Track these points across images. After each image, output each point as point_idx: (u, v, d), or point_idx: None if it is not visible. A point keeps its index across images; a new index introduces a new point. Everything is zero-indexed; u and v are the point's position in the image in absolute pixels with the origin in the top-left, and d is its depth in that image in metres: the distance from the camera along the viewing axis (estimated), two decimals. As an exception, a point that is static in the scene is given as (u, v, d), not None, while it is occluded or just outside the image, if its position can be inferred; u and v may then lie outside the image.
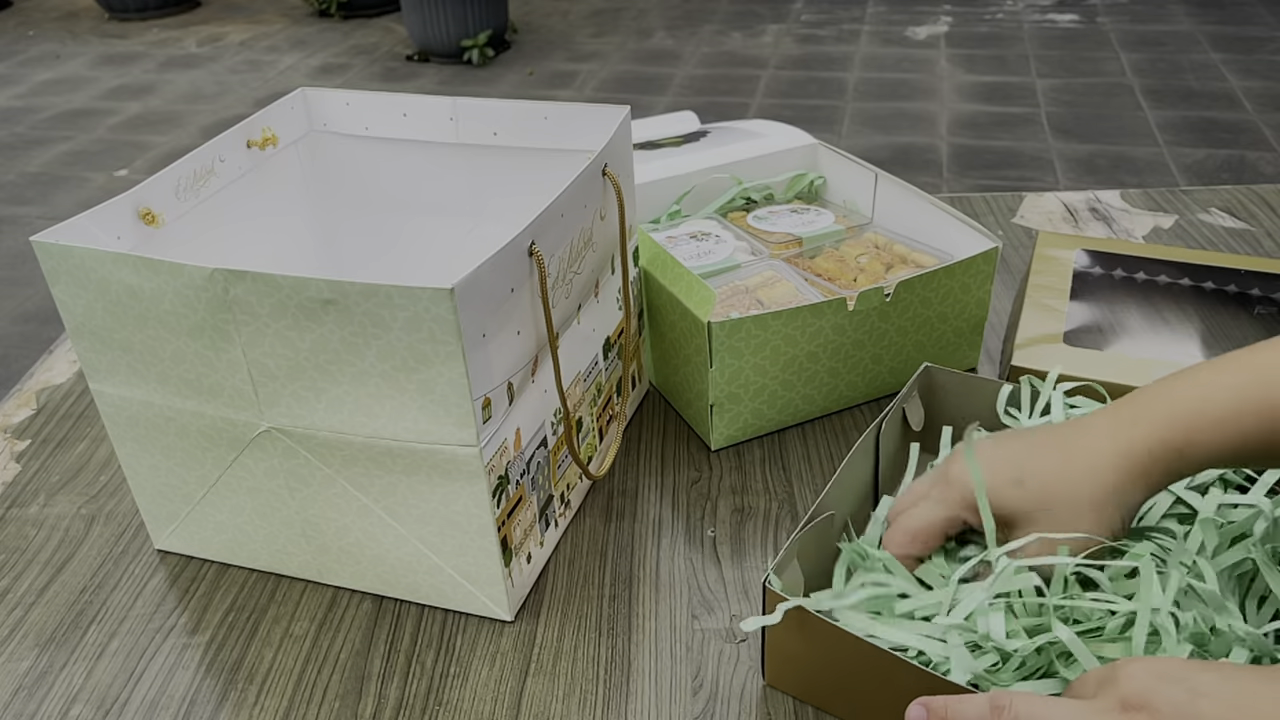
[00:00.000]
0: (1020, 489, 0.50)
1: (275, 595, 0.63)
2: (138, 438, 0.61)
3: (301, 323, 0.51)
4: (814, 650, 0.51)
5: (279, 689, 0.57)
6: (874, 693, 0.49)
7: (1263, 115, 3.05)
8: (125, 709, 0.56)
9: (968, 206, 1.06)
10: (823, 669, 0.52)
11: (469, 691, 0.56)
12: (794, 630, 0.51)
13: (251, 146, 0.72)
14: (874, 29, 4.05)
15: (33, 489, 0.73)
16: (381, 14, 4.56)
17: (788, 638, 0.52)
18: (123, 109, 3.64)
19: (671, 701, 0.55)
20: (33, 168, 3.20)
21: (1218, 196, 1.06)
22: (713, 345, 0.67)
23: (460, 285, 0.48)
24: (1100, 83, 3.37)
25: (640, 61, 3.82)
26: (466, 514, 0.56)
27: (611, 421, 0.72)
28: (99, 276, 0.54)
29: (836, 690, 0.52)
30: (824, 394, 0.74)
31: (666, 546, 0.65)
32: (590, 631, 0.60)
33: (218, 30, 4.49)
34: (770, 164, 0.93)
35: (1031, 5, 4.21)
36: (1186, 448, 0.47)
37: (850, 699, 0.52)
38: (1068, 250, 0.82)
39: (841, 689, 0.52)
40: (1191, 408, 0.48)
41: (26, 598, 0.64)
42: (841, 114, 3.25)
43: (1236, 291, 0.81)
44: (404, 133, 0.76)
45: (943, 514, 0.53)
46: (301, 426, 0.56)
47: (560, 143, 0.72)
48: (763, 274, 0.79)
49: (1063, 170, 2.80)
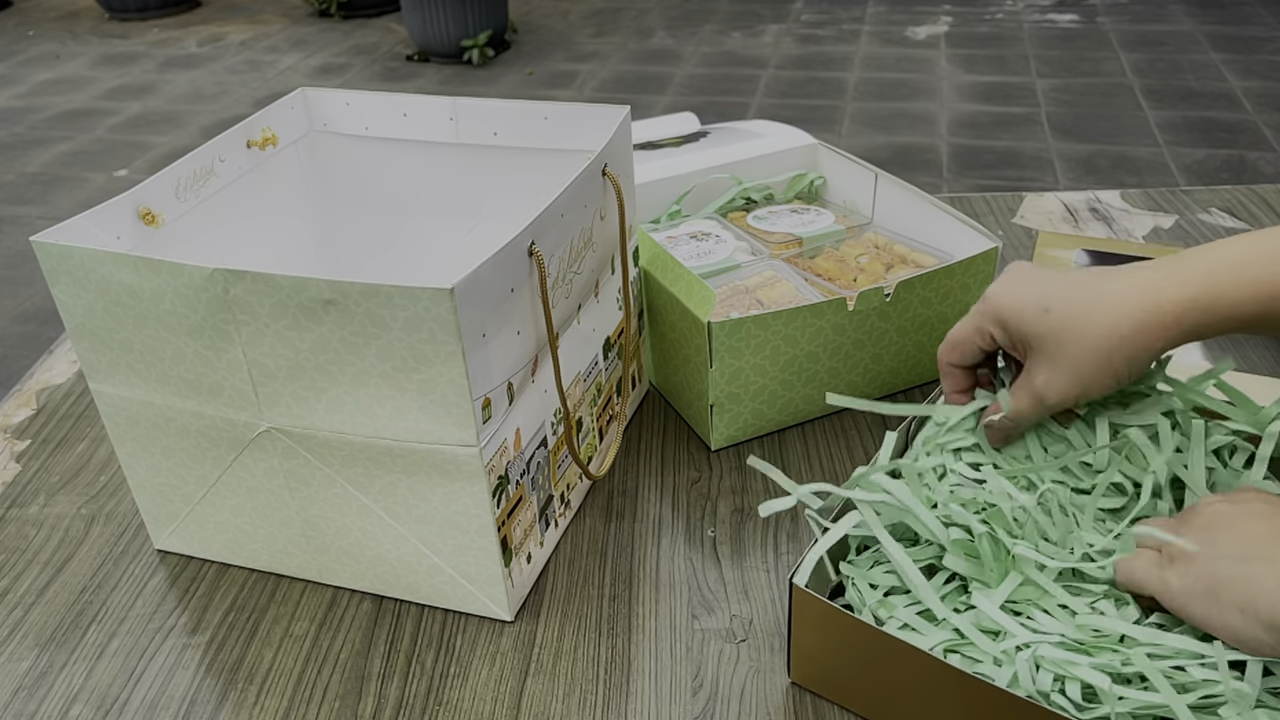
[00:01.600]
0: (1046, 316, 0.51)
1: (275, 595, 0.63)
2: (138, 438, 0.61)
3: (301, 323, 0.51)
4: (842, 647, 0.51)
5: (279, 689, 0.57)
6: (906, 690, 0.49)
7: (1263, 115, 3.05)
8: (125, 709, 0.56)
9: (968, 206, 1.06)
10: (850, 666, 0.51)
11: (469, 691, 0.56)
12: (821, 628, 0.51)
13: (251, 146, 0.72)
14: (874, 29, 4.05)
15: (33, 489, 0.73)
16: (381, 14, 4.56)
17: (815, 635, 0.52)
18: (123, 109, 3.64)
19: (671, 701, 0.55)
20: (33, 168, 3.20)
21: (1218, 196, 1.06)
22: (713, 345, 0.67)
23: (460, 285, 0.48)
24: (1100, 83, 3.37)
25: (640, 61, 3.82)
26: (466, 514, 0.56)
27: (611, 421, 0.72)
28: (99, 277, 0.54)
29: (863, 687, 0.52)
30: (824, 394, 0.74)
31: (666, 546, 0.65)
32: (590, 631, 0.60)
33: (218, 30, 4.49)
34: (770, 164, 0.93)
35: (1031, 5, 4.21)
36: (1215, 304, 0.48)
37: (880, 698, 0.51)
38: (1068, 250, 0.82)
39: (869, 686, 0.51)
40: (1226, 269, 0.49)
41: (26, 598, 0.64)
42: (841, 114, 3.25)
43: (1236, 291, 0.81)
44: (404, 133, 0.76)
45: (973, 324, 0.55)
46: (301, 426, 0.56)
47: (560, 143, 0.72)
48: (763, 274, 0.79)
49: (1063, 170, 2.80)
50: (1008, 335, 0.53)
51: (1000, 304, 0.53)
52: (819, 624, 0.51)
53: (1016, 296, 0.53)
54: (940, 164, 2.87)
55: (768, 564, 0.64)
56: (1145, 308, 0.49)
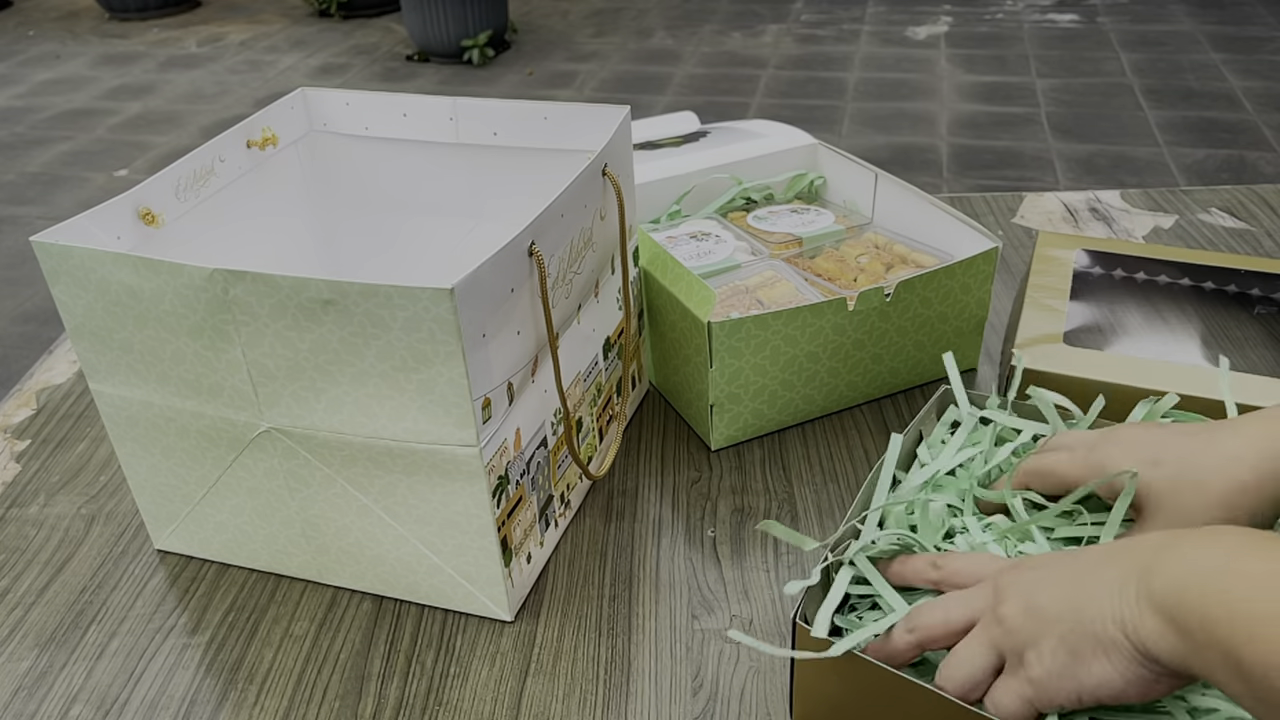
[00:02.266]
0: (1157, 469, 0.49)
1: (275, 595, 0.63)
2: (138, 438, 0.61)
3: (301, 323, 0.51)
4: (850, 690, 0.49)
5: (279, 689, 0.57)
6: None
7: (1263, 115, 3.05)
8: (125, 709, 0.56)
9: (968, 206, 1.06)
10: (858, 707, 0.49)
11: (469, 691, 0.56)
12: (828, 669, 0.48)
13: (251, 146, 0.72)
14: (874, 29, 4.05)
15: (33, 489, 0.73)
16: (381, 14, 4.56)
17: (820, 676, 0.50)
18: (123, 109, 3.64)
19: (671, 701, 0.55)
20: (33, 168, 3.20)
21: (1218, 196, 1.06)
22: (713, 345, 0.67)
23: (460, 285, 0.48)
24: (1100, 83, 3.37)
25: (640, 61, 3.82)
26: (466, 514, 0.56)
27: (611, 421, 0.72)
28: (99, 277, 0.54)
29: None
30: (824, 394, 0.74)
31: (666, 546, 0.65)
32: (590, 631, 0.60)
33: (218, 30, 4.49)
34: (770, 164, 0.93)
35: (1031, 5, 4.21)
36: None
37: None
38: (1068, 250, 0.82)
39: None
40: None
41: (26, 598, 0.64)
42: (841, 114, 3.25)
43: (1236, 291, 0.81)
44: (404, 133, 0.76)
45: (1073, 468, 0.53)
46: (301, 426, 0.56)
47: (560, 143, 0.72)
48: (763, 274, 0.79)
49: (1063, 170, 2.80)
50: (1110, 493, 0.52)
51: (1108, 455, 0.52)
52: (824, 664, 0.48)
53: (1127, 451, 0.51)
54: (940, 164, 2.87)
55: (768, 564, 0.64)
56: (1265, 455, 0.47)
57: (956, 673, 0.44)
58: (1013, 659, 0.43)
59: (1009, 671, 0.43)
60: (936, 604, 0.47)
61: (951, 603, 0.46)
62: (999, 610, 0.44)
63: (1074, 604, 0.41)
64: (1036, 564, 0.46)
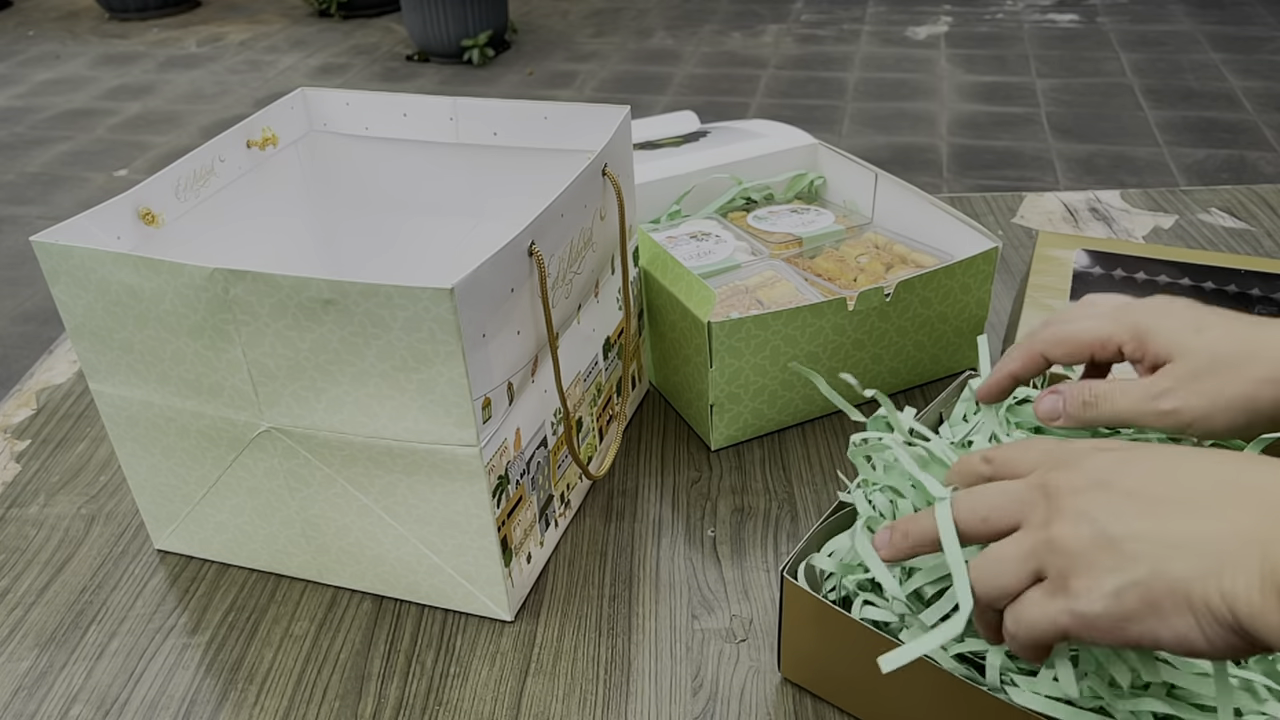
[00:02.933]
0: (1199, 335, 0.46)
1: (275, 595, 0.63)
2: (138, 438, 0.61)
3: (301, 323, 0.51)
4: (832, 645, 0.51)
5: (279, 689, 0.57)
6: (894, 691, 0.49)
7: (1263, 115, 3.05)
8: (125, 709, 0.56)
9: (968, 206, 1.06)
10: (839, 663, 0.52)
11: (469, 691, 0.56)
12: (812, 624, 0.51)
13: (251, 146, 0.72)
14: (874, 29, 4.05)
15: (33, 489, 0.73)
16: (381, 14, 4.56)
17: (805, 631, 0.52)
18: (123, 109, 3.64)
19: (671, 701, 0.55)
20: (33, 168, 3.20)
21: (1218, 196, 1.06)
22: (713, 345, 0.67)
23: (460, 285, 0.48)
24: (1100, 83, 3.37)
25: (640, 61, 3.82)
26: (466, 514, 0.56)
27: (611, 421, 0.72)
28: (99, 276, 0.54)
29: (853, 686, 0.52)
30: (823, 394, 0.74)
31: (666, 546, 0.65)
32: (590, 631, 0.60)
33: (218, 30, 4.49)
34: (770, 164, 0.93)
35: (1031, 5, 4.21)
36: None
37: (867, 695, 0.52)
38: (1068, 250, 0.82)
39: (858, 684, 0.52)
40: None
41: (26, 598, 0.64)
42: (841, 114, 3.25)
43: (1236, 291, 0.81)
44: (404, 133, 0.76)
45: (1100, 329, 0.48)
46: (301, 426, 0.56)
47: (560, 143, 0.72)
48: (763, 274, 0.79)
49: (1063, 170, 2.80)
50: (1142, 349, 0.47)
51: (1142, 318, 0.47)
52: (810, 620, 0.51)
53: (1164, 315, 0.48)
54: (940, 164, 2.87)
55: (767, 564, 0.64)
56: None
57: (990, 580, 0.39)
58: (1057, 580, 0.37)
59: (1048, 591, 0.38)
60: (977, 498, 0.41)
61: (995, 499, 0.41)
62: (1053, 529, 0.38)
63: (1161, 551, 0.35)
64: (1103, 469, 0.39)
